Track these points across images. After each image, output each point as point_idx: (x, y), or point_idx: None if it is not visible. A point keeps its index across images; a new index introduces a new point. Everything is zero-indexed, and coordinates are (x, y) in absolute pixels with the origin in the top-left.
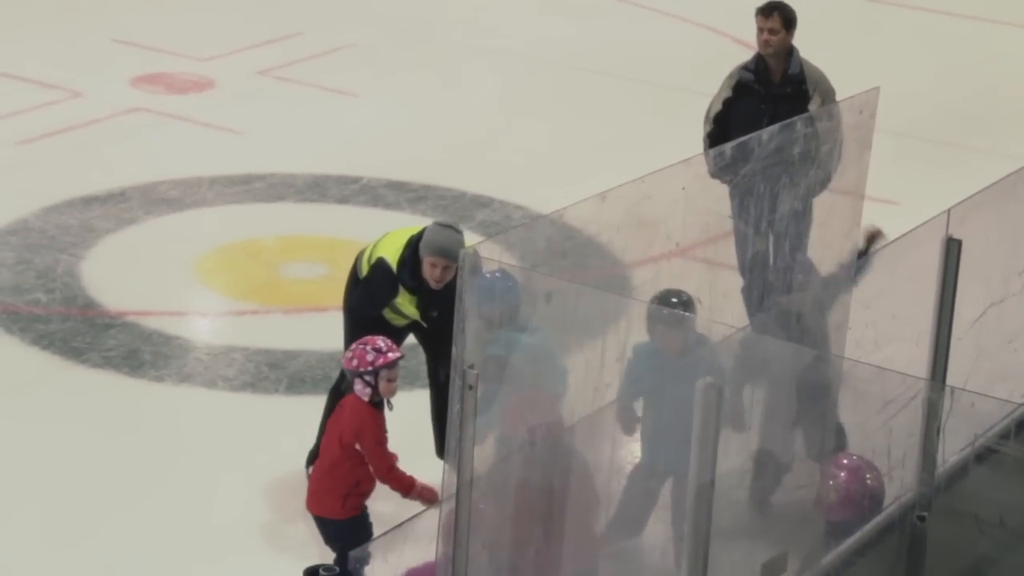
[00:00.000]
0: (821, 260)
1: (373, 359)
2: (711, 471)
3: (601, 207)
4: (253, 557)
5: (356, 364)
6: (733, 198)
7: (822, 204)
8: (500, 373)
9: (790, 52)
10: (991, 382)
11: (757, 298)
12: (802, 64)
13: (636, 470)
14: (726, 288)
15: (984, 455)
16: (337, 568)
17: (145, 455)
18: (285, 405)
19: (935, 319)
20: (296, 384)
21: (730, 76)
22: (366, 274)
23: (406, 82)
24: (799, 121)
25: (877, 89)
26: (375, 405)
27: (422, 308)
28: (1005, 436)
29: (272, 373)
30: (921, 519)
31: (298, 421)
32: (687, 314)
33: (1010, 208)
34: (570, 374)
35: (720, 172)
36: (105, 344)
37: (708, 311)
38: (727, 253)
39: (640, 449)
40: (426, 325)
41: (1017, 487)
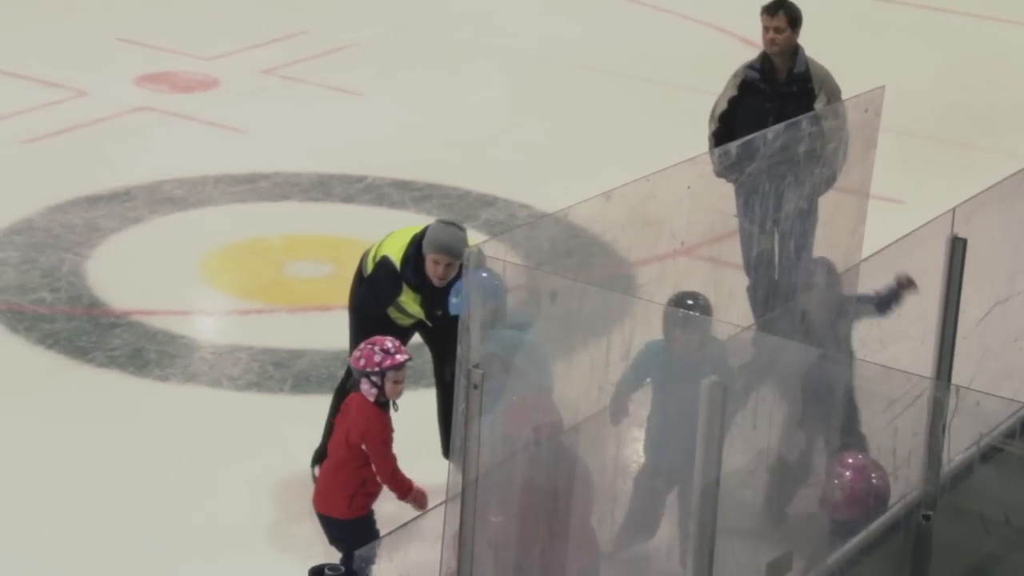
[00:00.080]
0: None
1: (380, 360)
2: (716, 471)
3: (606, 206)
4: (258, 556)
5: (363, 364)
6: (738, 197)
7: (827, 203)
8: (497, 371)
9: (795, 51)
10: (996, 381)
11: (762, 297)
12: (807, 63)
13: (642, 471)
14: (731, 287)
15: (989, 454)
16: (343, 568)
17: (150, 454)
18: (290, 404)
19: (940, 318)
20: (301, 383)
21: (735, 75)
22: (370, 272)
23: (411, 81)
24: (804, 120)
25: (882, 88)
26: (380, 405)
27: (426, 306)
28: (1010, 435)
29: (277, 372)
30: (926, 518)
31: (303, 420)
32: (707, 316)
33: (1015, 207)
34: (574, 373)
35: (725, 171)
36: (110, 343)
37: (713, 310)
38: (732, 252)
39: (644, 449)
40: (431, 324)
41: (1022, 486)
